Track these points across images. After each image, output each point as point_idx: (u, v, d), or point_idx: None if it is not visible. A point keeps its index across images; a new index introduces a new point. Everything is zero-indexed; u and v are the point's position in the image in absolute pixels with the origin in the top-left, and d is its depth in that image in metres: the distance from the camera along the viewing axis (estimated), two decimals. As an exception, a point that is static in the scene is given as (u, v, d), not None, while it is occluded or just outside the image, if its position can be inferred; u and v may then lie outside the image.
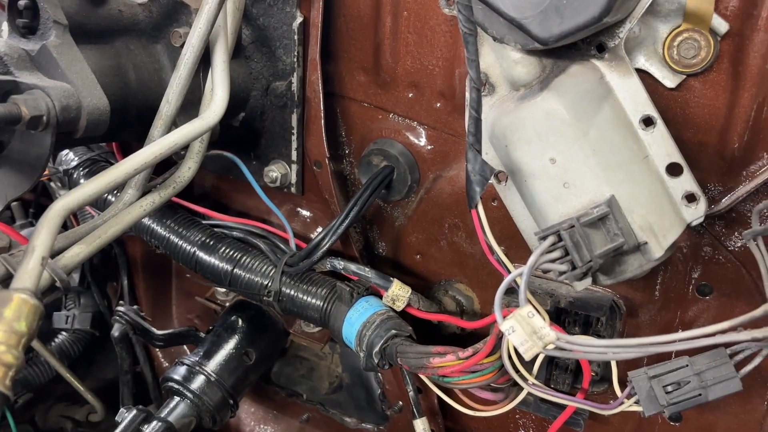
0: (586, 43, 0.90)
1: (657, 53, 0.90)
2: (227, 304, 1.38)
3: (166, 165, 1.10)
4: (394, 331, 1.04)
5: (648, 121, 0.87)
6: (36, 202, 1.67)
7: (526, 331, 0.79)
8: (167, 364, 1.61)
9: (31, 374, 1.43)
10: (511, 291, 1.07)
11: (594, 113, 0.86)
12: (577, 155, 0.86)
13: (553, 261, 0.80)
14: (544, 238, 0.82)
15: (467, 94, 0.99)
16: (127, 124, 1.05)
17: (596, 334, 1.05)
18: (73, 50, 0.91)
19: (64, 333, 1.48)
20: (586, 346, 0.78)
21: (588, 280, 0.85)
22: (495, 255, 0.90)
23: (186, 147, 1.07)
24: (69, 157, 1.32)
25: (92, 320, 1.48)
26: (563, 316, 1.06)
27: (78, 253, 0.88)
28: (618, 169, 0.86)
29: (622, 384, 0.93)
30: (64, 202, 0.79)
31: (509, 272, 0.90)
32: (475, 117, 0.85)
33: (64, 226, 1.54)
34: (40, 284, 0.72)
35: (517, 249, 1.12)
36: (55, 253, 0.88)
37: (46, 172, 1.39)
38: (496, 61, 0.95)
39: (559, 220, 0.87)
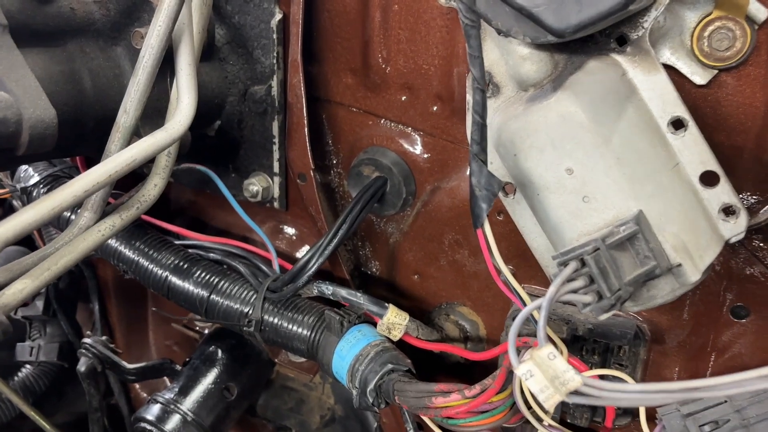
0: (605, 36, 0.78)
1: (684, 45, 0.79)
2: (206, 331, 1.26)
3: (135, 178, 0.98)
4: (390, 366, 0.92)
5: (678, 124, 0.75)
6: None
7: (546, 375, 0.66)
8: (145, 395, 1.49)
9: (-8, 413, 1.31)
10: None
11: (616, 116, 0.75)
12: (597, 165, 0.74)
13: (575, 291, 0.68)
14: (564, 263, 0.70)
15: (469, 96, 0.87)
16: (83, 138, 0.93)
17: (618, 364, 0.94)
18: (12, 54, 0.79)
19: (28, 366, 1.36)
20: (617, 392, 0.66)
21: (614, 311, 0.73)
22: (505, 280, 0.78)
23: (152, 161, 0.95)
24: (28, 174, 1.20)
25: (60, 351, 1.36)
26: (580, 343, 0.95)
27: (22, 289, 0.76)
28: (645, 180, 0.74)
29: (650, 419, 0.82)
30: (-2, 233, 0.67)
31: (524, 303, 0.79)
32: (480, 122, 0.73)
33: (29, 245, 1.43)
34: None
35: (527, 268, 1.00)
36: (-6, 290, 0.76)
37: (4, 190, 1.27)
38: (501, 57, 0.84)
39: (578, 239, 0.76)
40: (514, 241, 0.97)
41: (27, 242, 1.42)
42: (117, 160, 0.77)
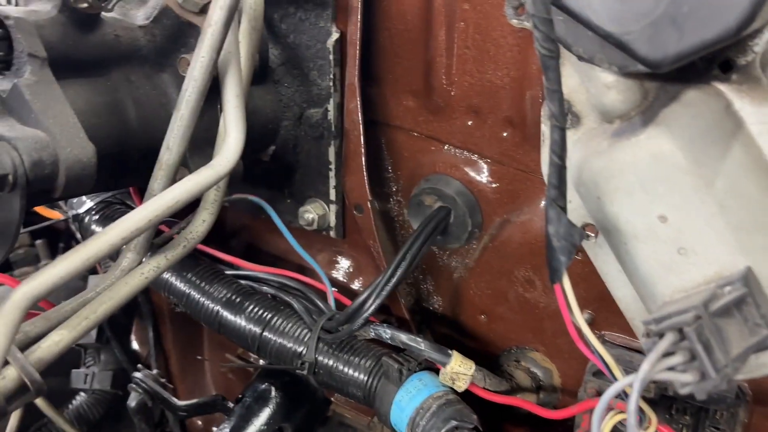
0: (706, 61, 0.67)
1: (800, 69, 0.67)
2: (260, 362, 1.20)
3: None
4: (454, 423, 0.83)
5: (795, 164, 0.64)
6: (66, 241, 1.53)
7: (638, 467, 0.57)
8: (201, 422, 1.45)
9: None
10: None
11: (719, 156, 0.64)
12: (697, 212, 0.64)
13: (673, 368, 0.58)
14: (658, 334, 0.60)
15: (547, 132, 0.77)
16: (129, 170, 0.88)
17: (714, 428, 0.82)
18: (51, 89, 0.74)
19: (83, 394, 1.33)
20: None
21: (717, 385, 0.62)
22: (587, 342, 0.69)
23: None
24: (81, 200, 1.16)
25: (113, 379, 1.32)
26: (669, 401, 0.84)
27: (58, 341, 0.71)
28: (755, 230, 0.63)
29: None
30: (27, 289, 0.62)
31: (608, 369, 0.69)
32: (558, 165, 0.63)
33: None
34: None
35: (608, 314, 0.90)
36: (30, 341, 0.72)
37: (60, 216, 1.24)
38: (582, 84, 0.74)
39: (672, 295, 0.66)
40: (593, 283, 0.87)
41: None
42: (158, 202, 0.71)
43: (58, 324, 0.74)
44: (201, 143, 0.91)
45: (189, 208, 0.91)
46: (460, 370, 0.88)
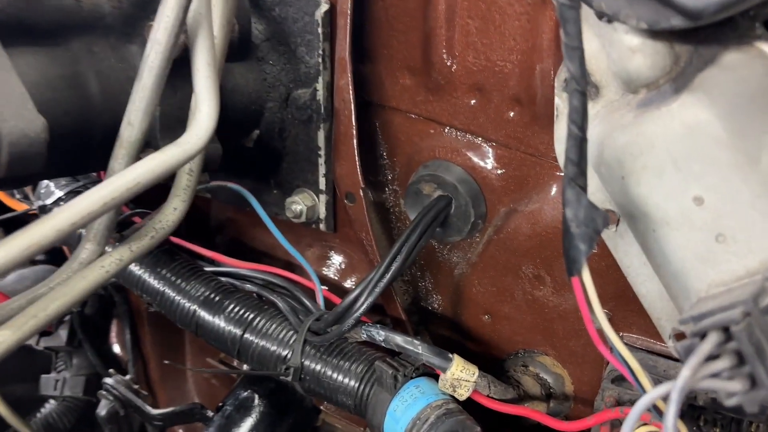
0: (747, 18, 0.58)
1: None
2: (244, 368, 1.10)
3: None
4: (455, 435, 0.74)
5: None
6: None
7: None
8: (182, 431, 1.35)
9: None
10: (622, 377, 0.76)
11: (765, 127, 0.55)
12: (738, 193, 0.55)
13: (717, 374, 0.48)
14: (699, 334, 0.50)
15: (558, 100, 0.68)
16: (92, 152, 0.78)
17: (748, 441, 0.73)
18: (-6, 55, 0.64)
19: (52, 401, 1.23)
20: None
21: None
22: (611, 345, 0.59)
23: (171, 179, 0.80)
24: (49, 190, 1.07)
25: (86, 385, 1.23)
26: (698, 411, 0.74)
27: (0, 342, 0.61)
28: (808, 214, 0.54)
29: None
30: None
31: (634, 376, 0.59)
32: (578, 136, 0.54)
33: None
34: None
35: (627, 313, 0.81)
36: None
37: (26, 207, 1.15)
38: (602, 49, 0.64)
39: (707, 289, 0.57)
40: (611, 278, 0.79)
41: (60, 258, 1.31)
42: (116, 183, 0.62)
43: (1, 323, 0.64)
44: (174, 123, 0.82)
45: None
46: (461, 375, 0.79)
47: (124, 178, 0.62)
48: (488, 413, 0.81)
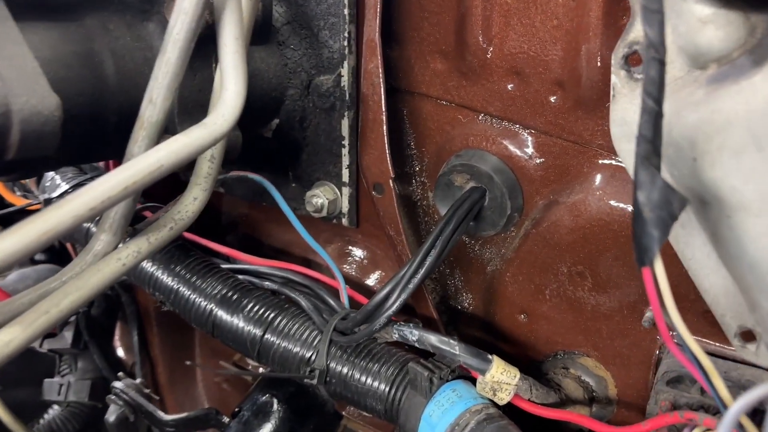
0: (834, -18, 0.53)
1: None
2: (260, 371, 1.05)
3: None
4: (498, 443, 0.68)
5: None
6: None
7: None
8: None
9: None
10: (677, 379, 0.71)
11: None
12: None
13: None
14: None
15: (618, 84, 0.63)
16: (105, 138, 0.73)
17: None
18: (4, 27, 0.59)
19: (56, 407, 1.17)
20: None
21: None
22: (681, 344, 0.54)
23: (191, 165, 0.74)
24: (54, 183, 1.02)
25: (92, 389, 1.17)
26: (758, 416, 0.69)
27: (9, 341, 0.56)
28: None
29: None
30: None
31: (707, 380, 0.54)
32: (654, 111, 0.49)
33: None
34: None
35: (682, 311, 0.75)
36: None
37: (26, 201, 1.09)
38: (666, 21, 0.59)
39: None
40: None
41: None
42: (137, 165, 0.57)
43: (10, 319, 0.59)
44: (192, 108, 0.77)
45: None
46: (502, 378, 0.73)
47: (146, 160, 0.57)
48: (528, 419, 0.76)
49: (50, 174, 1.03)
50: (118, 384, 0.97)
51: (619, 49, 0.63)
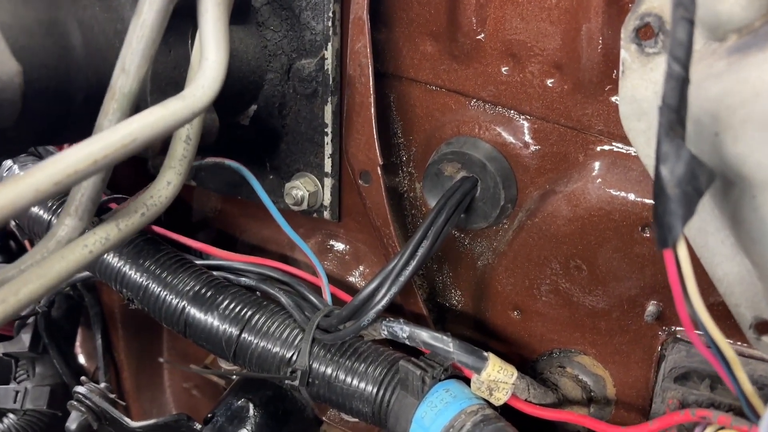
0: None
1: None
2: (234, 376, 0.98)
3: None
4: (497, 445, 0.63)
5: None
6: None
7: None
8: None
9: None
10: (685, 375, 0.67)
11: None
12: None
13: None
14: None
15: (628, 60, 0.59)
16: (71, 115, 0.67)
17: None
18: (-42, -18, 0.53)
19: (11, 415, 1.09)
20: None
21: None
22: (707, 339, 0.50)
23: (164, 149, 0.69)
24: (12, 172, 0.94)
25: (51, 396, 1.09)
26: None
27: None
28: None
29: None
30: None
31: (730, 374, 0.50)
32: (682, 76, 0.45)
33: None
34: None
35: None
36: None
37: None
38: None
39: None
40: (661, 265, 0.69)
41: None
42: (108, 138, 0.51)
43: (-40, 310, 0.52)
44: (166, 86, 0.72)
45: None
46: (498, 377, 0.69)
47: (118, 132, 0.51)
48: (524, 419, 0.71)
49: (7, 163, 0.96)
50: (80, 388, 0.90)
51: (630, 22, 0.59)
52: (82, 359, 1.31)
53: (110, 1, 0.69)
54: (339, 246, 0.98)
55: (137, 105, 0.64)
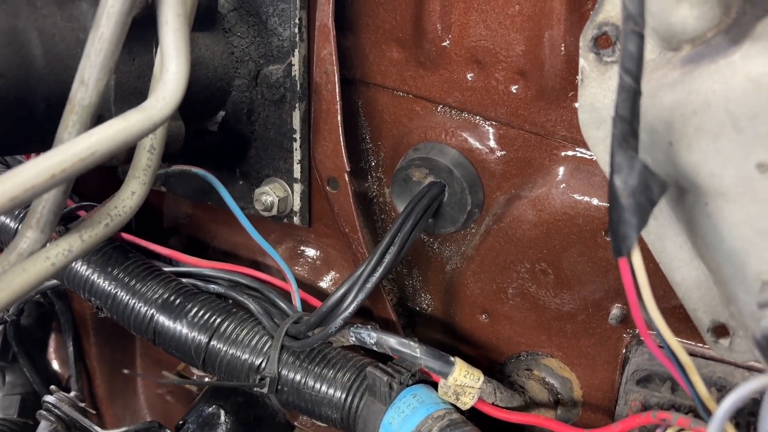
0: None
1: None
2: (206, 380, 0.98)
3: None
4: (463, 450, 0.64)
5: None
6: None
7: None
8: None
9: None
10: (647, 378, 0.68)
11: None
12: (811, 157, 0.47)
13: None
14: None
15: (587, 68, 0.60)
16: (33, 126, 0.67)
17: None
18: None
19: (-19, 425, 1.08)
20: None
21: None
22: (662, 344, 0.51)
23: (129, 158, 0.68)
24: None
25: (21, 405, 1.08)
26: (745, 419, 0.67)
27: None
28: None
29: None
30: None
31: (685, 377, 0.51)
32: (632, 88, 0.46)
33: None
34: None
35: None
36: None
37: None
38: (637, 1, 0.56)
39: (769, 274, 0.49)
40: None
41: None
42: (67, 151, 0.51)
43: None
44: (131, 95, 0.71)
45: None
46: (465, 381, 0.69)
47: (77, 146, 0.51)
48: (491, 423, 0.72)
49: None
50: (49, 398, 0.89)
51: (588, 31, 0.60)
52: (56, 366, 1.30)
53: (71, 11, 0.68)
54: (310, 251, 0.98)
55: (100, 115, 0.64)
